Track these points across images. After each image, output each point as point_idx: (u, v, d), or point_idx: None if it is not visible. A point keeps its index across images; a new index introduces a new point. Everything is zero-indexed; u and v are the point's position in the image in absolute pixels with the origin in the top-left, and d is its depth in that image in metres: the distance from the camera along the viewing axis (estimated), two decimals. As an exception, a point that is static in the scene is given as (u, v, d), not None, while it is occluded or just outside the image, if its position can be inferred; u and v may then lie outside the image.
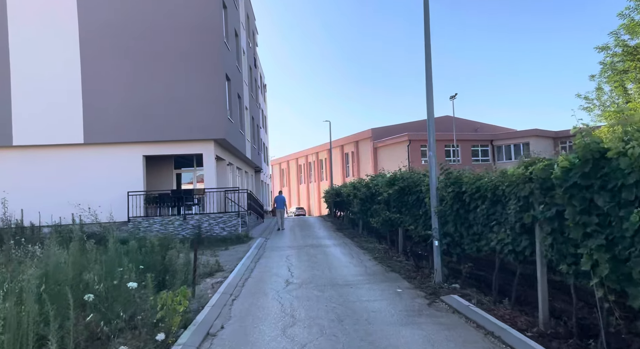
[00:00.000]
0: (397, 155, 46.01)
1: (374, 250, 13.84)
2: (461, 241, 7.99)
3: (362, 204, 16.88)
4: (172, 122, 18.43)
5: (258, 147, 33.28)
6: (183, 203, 18.07)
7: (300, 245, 15.81)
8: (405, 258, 11.94)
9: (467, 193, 7.43)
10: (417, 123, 50.61)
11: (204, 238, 17.46)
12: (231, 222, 18.22)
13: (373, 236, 17.40)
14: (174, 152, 18.91)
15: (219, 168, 21.65)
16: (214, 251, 15.16)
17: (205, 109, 18.51)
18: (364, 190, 16.67)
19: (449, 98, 43.08)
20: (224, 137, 18.62)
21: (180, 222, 17.92)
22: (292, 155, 71.80)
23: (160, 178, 21.24)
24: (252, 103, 30.21)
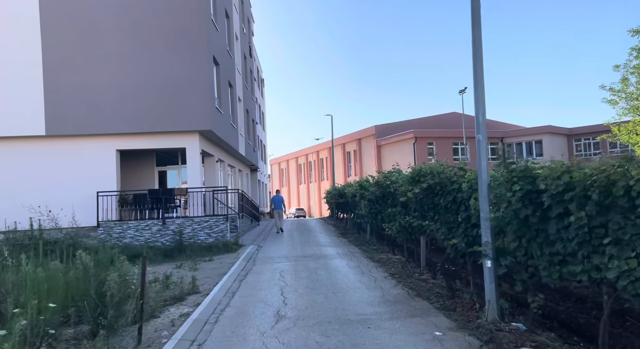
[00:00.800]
0: (402, 154, 43.46)
1: (387, 263, 11.30)
2: (530, 262, 5.45)
3: (371, 206, 14.36)
4: (150, 111, 15.89)
5: (254, 143, 30.75)
6: (162, 206, 15.53)
7: (299, 256, 13.27)
8: (430, 275, 9.41)
9: (547, 193, 4.90)
10: (424, 120, 48.10)
11: (186, 246, 14.94)
12: (218, 227, 15.68)
13: (384, 244, 14.87)
14: (153, 145, 16.37)
15: (207, 165, 19.12)
16: (194, 262, 12.64)
17: (188, 96, 15.99)
18: (374, 189, 14.14)
19: (458, 92, 40.54)
20: (210, 128, 16.08)
21: (159, 227, 15.39)
22: (292, 154, 69.28)
23: (139, 177, 18.70)
24: (247, 95, 27.69)
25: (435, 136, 43.57)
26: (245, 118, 26.53)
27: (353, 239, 17.29)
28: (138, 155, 18.61)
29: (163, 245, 15.32)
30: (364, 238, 17.00)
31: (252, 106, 30.13)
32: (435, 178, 7.90)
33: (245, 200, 21.06)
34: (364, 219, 15.69)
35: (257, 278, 10.01)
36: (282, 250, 14.63)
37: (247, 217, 20.87)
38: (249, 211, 22.16)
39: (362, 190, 15.85)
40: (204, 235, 15.60)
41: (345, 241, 16.67)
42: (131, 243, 15.09)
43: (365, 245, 15.21)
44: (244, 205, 20.37)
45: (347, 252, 13.70)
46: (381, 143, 47.67)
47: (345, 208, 22.75)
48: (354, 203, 17.98)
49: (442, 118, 48.91)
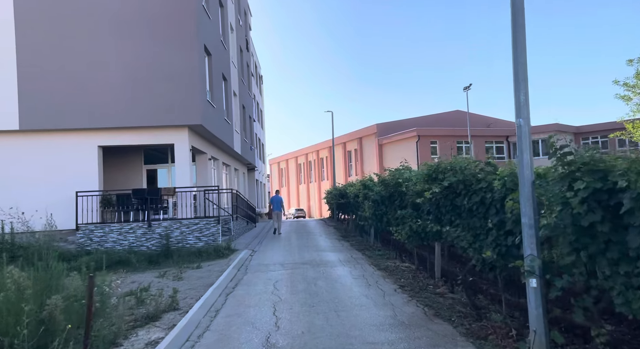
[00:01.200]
0: (404, 153, 42.12)
1: (396, 272, 10.01)
2: (594, 283, 4.16)
3: (376, 207, 13.07)
4: (134, 104, 14.60)
5: (251, 141, 29.46)
6: (148, 207, 14.23)
7: (296, 262, 11.98)
8: (447, 287, 8.13)
9: (628, 193, 3.62)
10: (426, 119, 46.80)
11: (173, 251, 13.66)
12: (209, 230, 14.39)
13: (390, 249, 13.60)
14: (138, 141, 15.07)
15: (199, 163, 17.83)
16: (180, 270, 11.36)
17: (176, 87, 14.69)
18: (379, 189, 12.86)
19: (463, 89, 39.23)
20: (200, 122, 14.79)
21: (144, 230, 14.09)
22: (291, 153, 67.98)
23: (126, 176, 17.41)
24: (243, 91, 26.40)
25: (439, 134, 42.28)
26: (241, 115, 25.24)
27: (355, 243, 16.00)
28: (124, 153, 17.32)
29: (148, 249, 14.04)
30: (367, 242, 15.71)
31: (249, 102, 28.85)
32: (457, 175, 6.60)
33: (240, 201, 19.78)
34: (368, 221, 14.40)
35: (247, 290, 8.72)
36: (278, 256, 13.34)
37: (242, 219, 19.58)
38: (244, 212, 20.87)
39: (366, 190, 14.57)
40: (193, 239, 14.31)
41: (347, 246, 15.38)
42: (113, 247, 13.80)
43: (369, 249, 13.92)
44: (239, 206, 19.08)
45: (350, 258, 12.41)
46: (383, 142, 46.38)
47: (347, 209, 21.48)
48: (357, 204, 16.70)
49: (445, 116, 47.63)
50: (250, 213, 23.63)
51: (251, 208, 24.72)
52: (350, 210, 20.25)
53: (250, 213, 23.63)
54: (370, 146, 48.67)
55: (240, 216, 19.06)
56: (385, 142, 46.04)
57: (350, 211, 20.74)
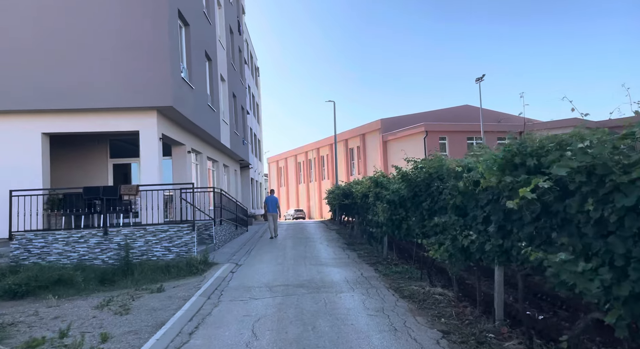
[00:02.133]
0: (410, 150, 38.76)
1: (428, 303, 7.07)
2: None
3: (393, 210, 10.12)
4: (87, 80, 11.66)
5: (244, 135, 26.50)
6: (104, 209, 11.28)
7: (289, 284, 9.01)
8: (517, 337, 5.18)
9: None
10: (434, 114, 43.80)
11: (134, 266, 10.74)
12: (181, 239, 11.44)
13: (411, 263, 10.69)
14: (94, 127, 12.12)
15: (176, 156, 14.89)
16: (133, 295, 8.46)
17: (141, 59, 11.76)
18: (398, 186, 9.92)
19: (475, 80, 36.29)
20: (171, 104, 11.83)
21: (99, 239, 11.13)
22: (291, 151, 65.03)
23: (86, 172, 14.47)
24: (234, 77, 23.43)
25: (448, 130, 39.32)
26: (231, 104, 22.29)
27: (364, 253, 13.04)
28: (83, 143, 14.38)
29: (104, 263, 11.11)
30: (378, 253, 12.77)
31: (241, 91, 25.90)
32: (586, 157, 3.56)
33: (226, 202, 16.82)
34: (381, 228, 11.42)
35: (210, 340, 5.75)
36: (267, 272, 10.37)
37: (228, 223, 16.62)
38: (232, 215, 17.92)
39: (378, 189, 11.61)
40: (161, 250, 11.36)
41: (353, 257, 12.43)
42: (58, 261, 10.85)
43: (382, 263, 10.97)
44: (225, 207, 16.12)
45: (360, 278, 9.45)
46: (387, 138, 43.45)
47: (352, 211, 18.53)
48: (365, 205, 13.74)
49: (453, 111, 44.64)
50: (241, 216, 20.67)
51: (242, 210, 21.76)
52: (356, 212, 17.30)
53: (241, 216, 20.68)
54: (374, 143, 45.74)
55: (226, 220, 16.11)
56: (390, 138, 43.11)
57: (355, 213, 17.79)
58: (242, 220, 20.89)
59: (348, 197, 18.04)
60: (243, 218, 21.39)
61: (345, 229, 21.48)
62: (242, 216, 20.99)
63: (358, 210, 16.33)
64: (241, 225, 20.37)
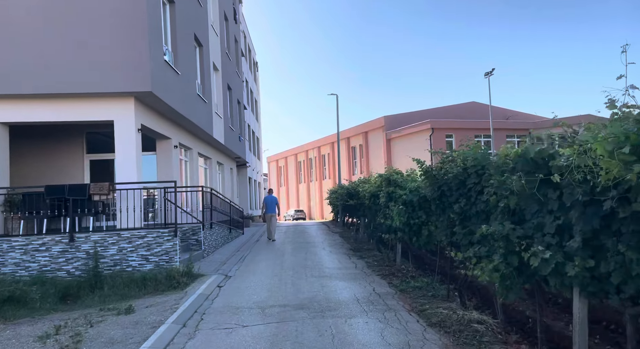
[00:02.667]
0: (415, 148, 37.29)
1: (466, 336, 5.40)
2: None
3: (411, 214, 8.48)
4: (54, 60, 10.01)
5: (241, 131, 24.85)
6: (70, 211, 9.63)
7: (286, 304, 7.36)
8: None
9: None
10: (438, 111, 42.08)
11: (104, 279, 9.14)
12: (161, 246, 9.79)
13: (431, 275, 9.02)
14: (61, 116, 10.45)
15: (160, 152, 13.25)
16: (89, 322, 6.81)
17: (114, 35, 10.10)
18: (418, 184, 8.30)
19: (484, 75, 34.57)
20: (150, 89, 10.17)
21: (64, 247, 9.48)
22: (291, 150, 63.34)
23: (59, 169, 12.83)
24: (229, 68, 21.77)
25: (455, 127, 37.61)
26: (225, 96, 20.64)
27: (373, 261, 11.37)
28: (54, 136, 12.74)
29: (70, 275, 9.47)
30: (390, 261, 11.10)
31: (237, 84, 24.24)
32: None
33: (218, 203, 15.17)
34: (395, 233, 9.76)
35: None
36: (261, 287, 8.71)
37: (220, 226, 14.96)
38: (225, 217, 16.27)
39: (391, 188, 9.94)
40: (137, 259, 9.71)
41: (362, 266, 10.76)
42: (14, 274, 9.21)
43: (397, 276, 9.30)
44: (216, 209, 14.47)
45: (373, 295, 7.79)
46: (391, 136, 41.77)
47: (357, 212, 16.88)
48: (374, 206, 12.08)
49: (459, 108, 42.90)
50: (235, 218, 19.03)
51: (238, 212, 20.10)
52: (362, 214, 15.65)
53: (236, 218, 19.03)
54: (377, 141, 44.06)
55: (218, 222, 14.46)
56: (394, 136, 41.43)
57: (361, 215, 16.15)
58: (237, 222, 19.24)
59: (353, 197, 16.39)
60: (238, 221, 19.73)
61: (349, 232, 19.82)
62: (237, 219, 19.33)
63: (365, 211, 14.68)
64: (236, 227, 18.71)
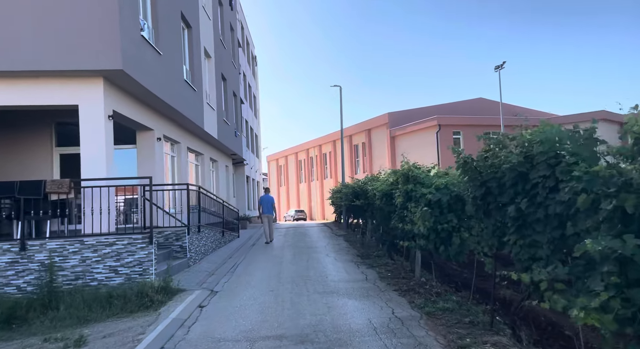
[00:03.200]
0: (422, 145, 35.86)
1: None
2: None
3: (439, 217, 6.83)
4: (10, 33, 8.34)
5: (237, 126, 23.19)
6: (21, 213, 7.96)
7: (285, 334, 5.68)
8: None
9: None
10: (445, 107, 40.37)
11: (62, 295, 7.48)
12: (135, 255, 8.12)
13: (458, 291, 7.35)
14: (14, 99, 8.77)
15: (142, 145, 11.59)
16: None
17: (80, 4, 8.44)
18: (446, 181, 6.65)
19: (494, 68, 32.89)
20: (121, 67, 8.48)
21: (13, 257, 7.82)
22: (291, 149, 61.69)
23: (23, 165, 11.15)
24: (223, 56, 20.10)
25: (463, 123, 35.93)
26: (219, 87, 18.98)
27: (386, 272, 9.70)
28: (18, 126, 11.08)
29: (20, 291, 7.81)
30: (406, 271, 9.44)
31: (233, 75, 22.56)
32: None
33: (210, 203, 13.51)
34: (415, 240, 8.08)
35: None
36: (253, 308, 7.02)
37: (211, 229, 13.29)
38: (217, 219, 14.60)
39: (410, 185, 8.24)
40: (104, 271, 8.04)
41: (373, 278, 9.08)
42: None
43: (419, 291, 7.60)
44: (206, 210, 12.81)
45: (393, 319, 6.11)
46: (396, 133, 40.09)
47: (364, 213, 15.20)
48: (387, 207, 10.38)
49: (466, 105, 41.18)
50: (230, 220, 17.36)
51: (232, 213, 18.43)
52: (371, 215, 13.99)
53: (230, 219, 17.36)
54: (381, 138, 42.37)
55: (207, 225, 12.79)
56: (399, 133, 39.76)
57: (369, 217, 14.47)
58: (231, 224, 17.57)
59: (360, 197, 14.71)
60: (233, 222, 18.06)
61: (354, 235, 18.16)
62: (231, 220, 17.66)
63: (374, 213, 13.00)
64: (230, 230, 17.04)
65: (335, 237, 17.73)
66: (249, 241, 16.92)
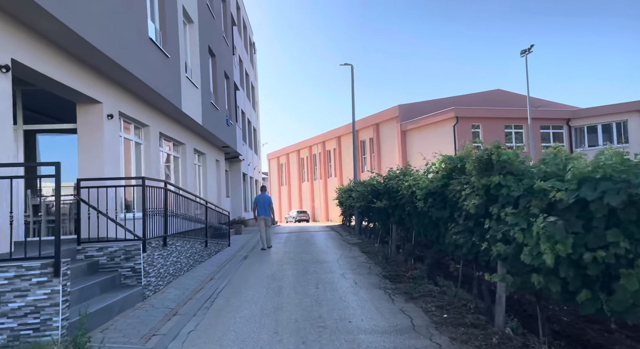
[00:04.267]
0: (435, 141, 32.11)
1: None
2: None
3: (587, 235, 3.41)
4: None
5: (230, 114, 19.84)
6: None
7: None
8: None
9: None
10: (462, 99, 36.80)
11: None
12: (28, 297, 4.74)
13: None
14: None
15: (85, 125, 8.24)
16: None
17: None
18: (603, 171, 3.19)
19: (520, 53, 29.46)
20: None
21: None
22: (293, 146, 58.36)
23: None
24: (210, 26, 16.70)
25: (483, 116, 32.51)
26: (205, 62, 15.64)
27: (437, 308, 6.36)
28: None
29: None
30: (467, 307, 6.10)
31: (224, 52, 19.19)
32: None
33: (185, 206, 10.13)
34: (513, 275, 4.71)
35: None
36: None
37: (187, 240, 9.91)
38: (198, 226, 11.24)
39: (497, 176, 4.87)
40: (-24, 324, 4.66)
41: (425, 325, 5.71)
42: None
43: None
44: (180, 215, 9.43)
45: None
46: (407, 127, 36.68)
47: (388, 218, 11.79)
48: (439, 212, 6.96)
49: (484, 96, 37.69)
50: (218, 226, 14.02)
51: (221, 217, 15.05)
52: (399, 220, 10.58)
53: (217, 225, 14.01)
54: (390, 133, 38.98)
55: (181, 235, 9.42)
56: (411, 127, 36.34)
57: (397, 222, 11.08)
58: (219, 231, 14.21)
59: (381, 197, 11.30)
60: (222, 228, 14.70)
61: (370, 242, 14.85)
62: (219, 226, 14.30)
63: (406, 218, 9.63)
64: (218, 237, 13.70)
65: (348, 246, 14.38)
66: (241, 251, 13.58)
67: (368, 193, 12.59)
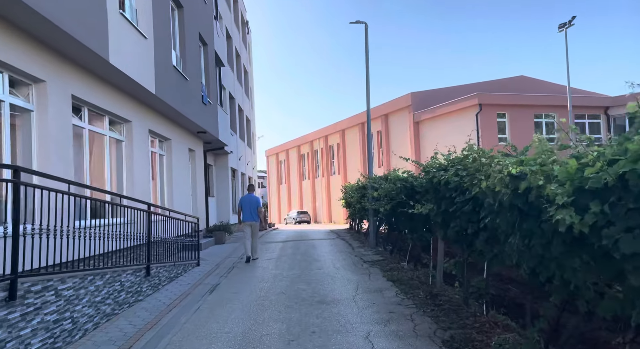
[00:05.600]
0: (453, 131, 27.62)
1: None
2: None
3: None
4: None
5: (210, 92, 15.58)
6: None
7: None
8: None
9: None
10: (483, 85, 32.29)
11: None
12: None
13: None
14: None
15: None
16: None
17: None
18: None
19: (558, 28, 25.13)
20: None
21: None
22: (293, 142, 54.12)
23: None
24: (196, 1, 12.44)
25: (510, 103, 28.23)
26: (165, 13, 11.41)
27: None
28: None
29: None
30: None
31: (200, 12, 14.93)
32: None
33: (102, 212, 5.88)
34: None
35: None
36: None
37: (98, 273, 5.67)
38: (131, 242, 6.98)
39: None
40: None
41: None
42: None
43: None
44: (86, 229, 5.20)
45: None
46: (421, 117, 32.40)
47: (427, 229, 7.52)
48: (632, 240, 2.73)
49: (506, 83, 33.23)
50: (177, 239, 9.78)
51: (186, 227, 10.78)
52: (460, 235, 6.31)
53: (178, 237, 9.77)
54: (401, 125, 34.70)
55: (82, 264, 5.18)
56: (425, 117, 32.07)
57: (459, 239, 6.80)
58: (181, 244, 9.97)
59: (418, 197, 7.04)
60: (184, 242, 10.43)
61: (394, 259, 10.66)
62: (179, 239, 10.04)
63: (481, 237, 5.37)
64: (177, 256, 9.46)
65: (364, 267, 10.12)
66: (210, 277, 9.37)
67: (399, 191, 8.33)
